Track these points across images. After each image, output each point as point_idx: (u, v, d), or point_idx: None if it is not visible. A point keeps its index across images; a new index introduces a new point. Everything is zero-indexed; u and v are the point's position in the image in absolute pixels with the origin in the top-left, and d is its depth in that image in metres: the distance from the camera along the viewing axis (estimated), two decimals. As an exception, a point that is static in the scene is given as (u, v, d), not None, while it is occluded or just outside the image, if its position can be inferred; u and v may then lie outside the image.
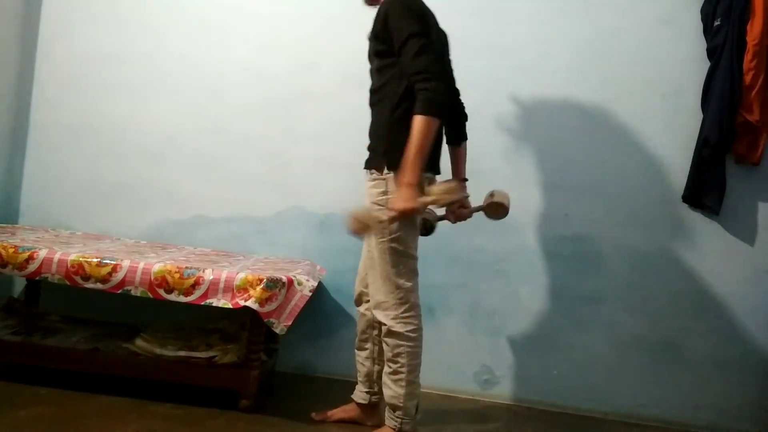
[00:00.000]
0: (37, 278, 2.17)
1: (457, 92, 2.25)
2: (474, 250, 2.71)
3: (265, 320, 2.11)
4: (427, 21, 1.93)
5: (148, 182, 2.83)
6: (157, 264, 2.15)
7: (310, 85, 2.77)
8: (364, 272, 2.12)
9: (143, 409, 2.13)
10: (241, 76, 2.80)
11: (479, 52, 2.69)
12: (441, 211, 2.19)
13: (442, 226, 2.22)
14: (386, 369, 2.01)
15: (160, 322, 2.52)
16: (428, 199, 1.89)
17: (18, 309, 2.60)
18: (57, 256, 2.14)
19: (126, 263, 2.13)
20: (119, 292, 2.12)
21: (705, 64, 2.60)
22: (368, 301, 2.10)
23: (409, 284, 1.97)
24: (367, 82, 1.95)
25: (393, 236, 1.93)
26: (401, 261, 1.96)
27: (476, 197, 2.24)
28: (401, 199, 1.84)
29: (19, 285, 2.81)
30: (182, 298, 2.11)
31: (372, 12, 2.02)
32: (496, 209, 2.20)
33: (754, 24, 2.50)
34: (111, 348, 2.32)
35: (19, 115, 2.86)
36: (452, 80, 2.24)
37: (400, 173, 1.86)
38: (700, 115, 2.60)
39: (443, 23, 2.14)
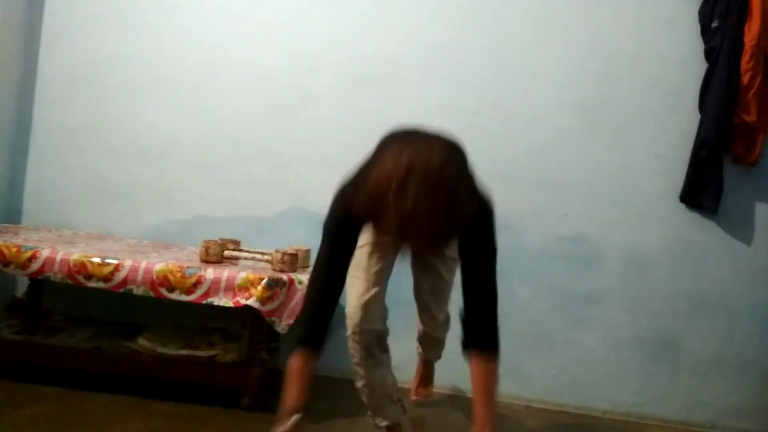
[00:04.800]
0: (40, 277, 2.19)
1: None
2: (473, 249, 2.71)
3: (267, 319, 2.13)
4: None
5: (151, 183, 2.84)
6: (158, 263, 2.16)
7: (310, 86, 2.78)
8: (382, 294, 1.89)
9: (145, 408, 2.15)
10: (242, 76, 2.82)
11: (478, 52, 2.71)
12: None
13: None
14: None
15: (162, 321, 2.53)
16: None
17: (21, 308, 2.61)
18: (59, 256, 2.15)
19: (128, 262, 2.15)
20: (121, 291, 2.14)
21: (702, 65, 2.62)
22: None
23: None
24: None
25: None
26: None
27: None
28: None
29: (22, 285, 2.82)
30: (184, 297, 2.13)
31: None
32: None
33: (752, 25, 2.52)
34: (113, 347, 2.34)
35: (22, 115, 2.87)
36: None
37: None
38: (697, 116, 2.62)
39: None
